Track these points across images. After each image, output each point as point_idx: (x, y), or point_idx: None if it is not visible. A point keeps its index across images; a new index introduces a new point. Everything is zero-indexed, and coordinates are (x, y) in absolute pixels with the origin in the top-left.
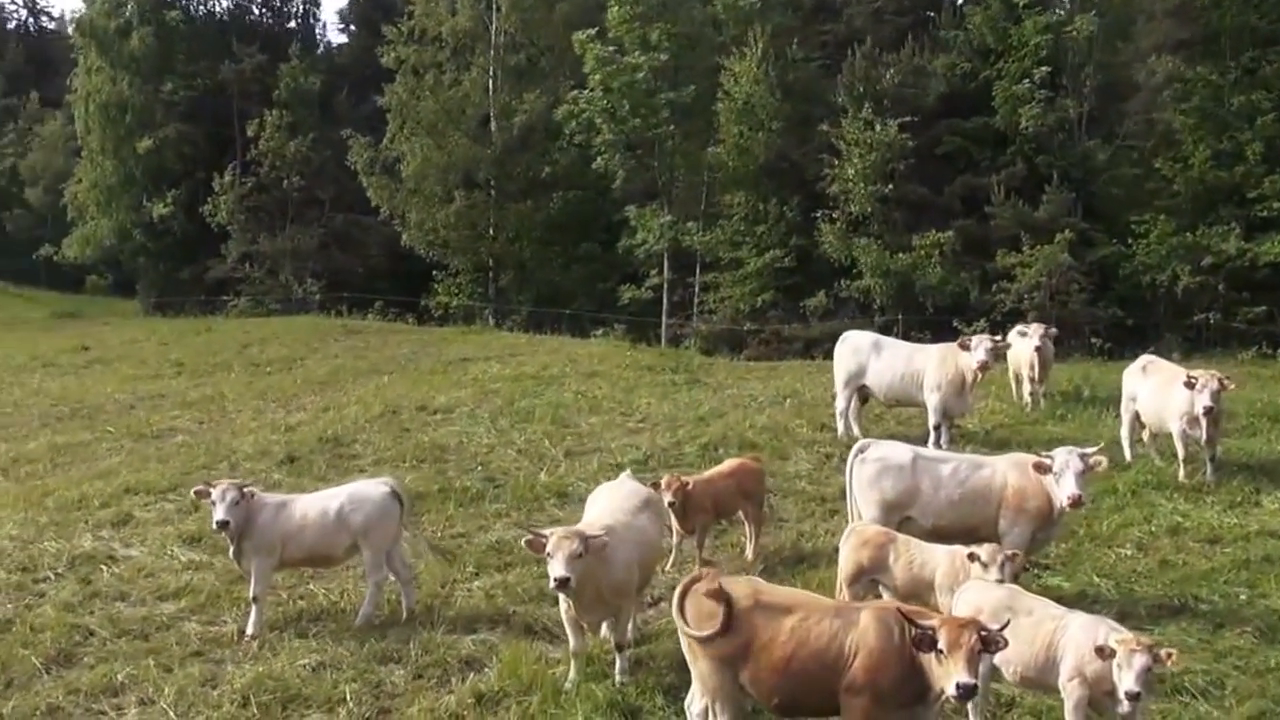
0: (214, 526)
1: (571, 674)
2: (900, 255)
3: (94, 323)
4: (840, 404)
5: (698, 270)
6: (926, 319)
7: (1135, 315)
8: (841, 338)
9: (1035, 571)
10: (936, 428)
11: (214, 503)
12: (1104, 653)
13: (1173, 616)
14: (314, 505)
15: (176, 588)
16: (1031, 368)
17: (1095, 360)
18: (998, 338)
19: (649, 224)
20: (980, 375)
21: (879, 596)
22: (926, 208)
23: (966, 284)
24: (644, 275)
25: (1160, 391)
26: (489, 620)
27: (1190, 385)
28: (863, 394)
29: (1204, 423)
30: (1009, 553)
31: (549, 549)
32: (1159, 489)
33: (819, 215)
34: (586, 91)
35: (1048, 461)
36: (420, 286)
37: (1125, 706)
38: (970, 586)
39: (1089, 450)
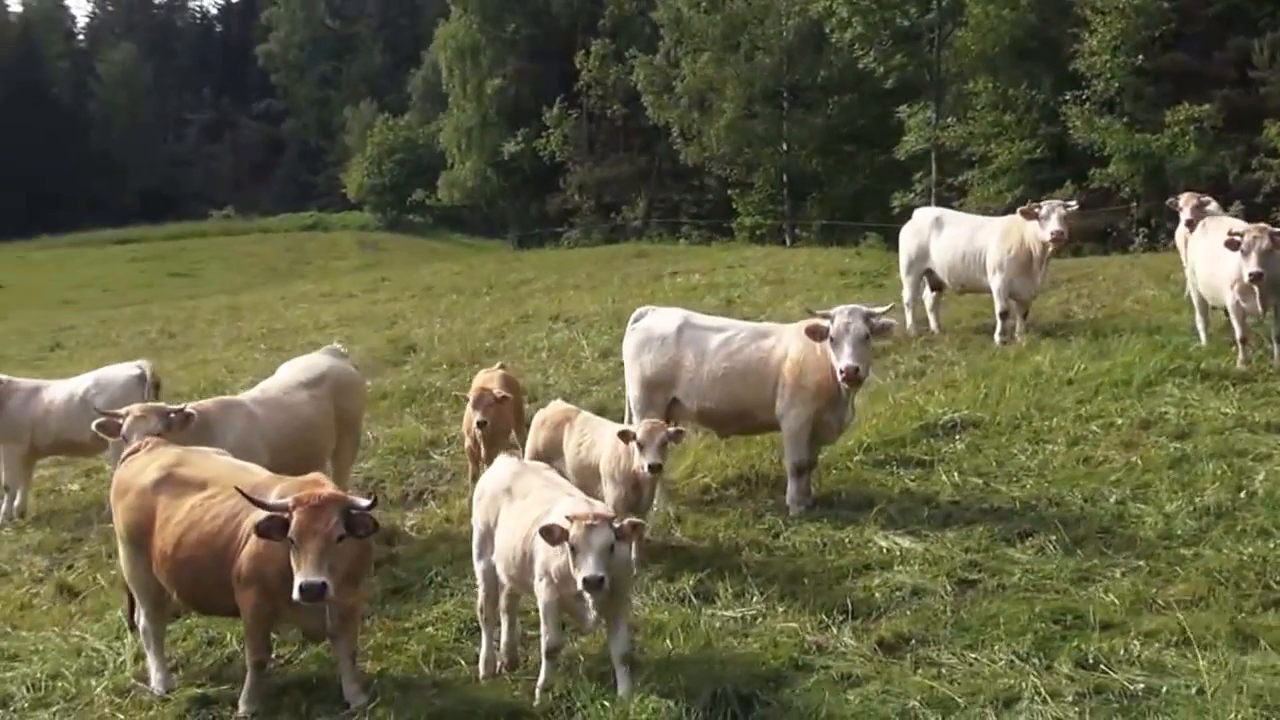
0: None
1: None
2: (1149, 135)
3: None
4: (906, 294)
5: (974, 169)
6: None
7: None
8: (913, 218)
9: (893, 469)
10: (1004, 315)
11: None
12: (553, 535)
13: (979, 521)
14: (62, 390)
15: None
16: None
17: None
18: (1071, 203)
19: (913, 124)
20: (1053, 248)
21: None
22: (1189, 79)
23: (1226, 163)
24: (913, 180)
25: (1215, 255)
26: None
27: (1233, 245)
28: (934, 281)
29: (1257, 291)
30: (671, 430)
31: (125, 431)
32: (1186, 377)
33: (1068, 97)
34: None
35: (825, 324)
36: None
37: (591, 614)
38: (497, 462)
39: (876, 309)
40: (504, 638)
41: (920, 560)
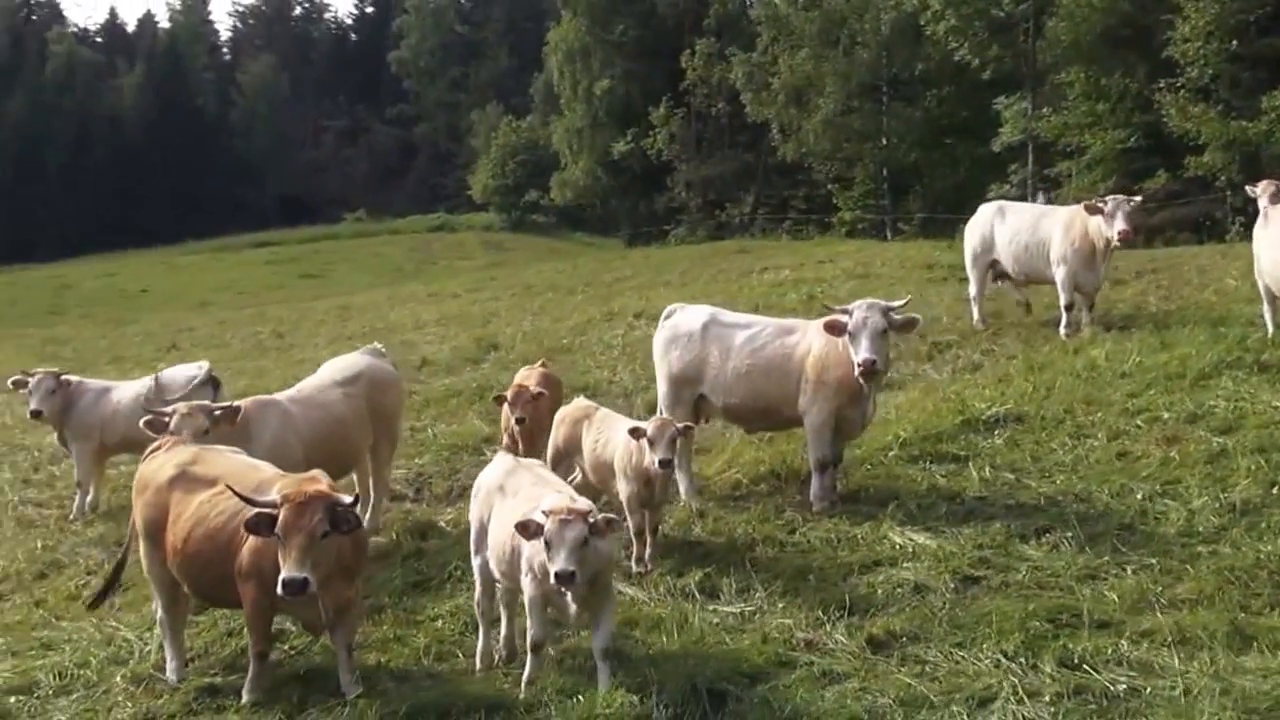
0: (29, 415)
1: None
2: (1246, 122)
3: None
4: (972, 289)
5: (1070, 160)
6: None
7: None
8: (977, 212)
9: (925, 464)
10: (1068, 307)
11: (30, 392)
12: (529, 530)
13: (999, 518)
14: (129, 391)
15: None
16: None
17: None
18: (1136, 198)
19: (1009, 115)
20: (1118, 244)
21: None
22: None
23: None
24: (1009, 171)
25: (1278, 243)
26: None
27: None
28: (999, 274)
29: None
30: (680, 426)
31: (172, 428)
32: (1243, 369)
33: (1161, 85)
34: None
35: (844, 320)
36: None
37: (571, 608)
38: (494, 459)
39: (894, 304)
40: (502, 631)
41: (930, 557)
